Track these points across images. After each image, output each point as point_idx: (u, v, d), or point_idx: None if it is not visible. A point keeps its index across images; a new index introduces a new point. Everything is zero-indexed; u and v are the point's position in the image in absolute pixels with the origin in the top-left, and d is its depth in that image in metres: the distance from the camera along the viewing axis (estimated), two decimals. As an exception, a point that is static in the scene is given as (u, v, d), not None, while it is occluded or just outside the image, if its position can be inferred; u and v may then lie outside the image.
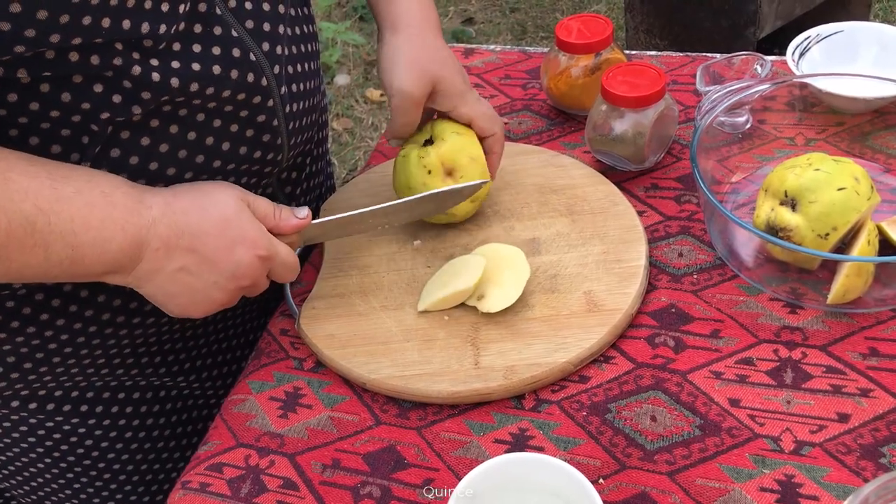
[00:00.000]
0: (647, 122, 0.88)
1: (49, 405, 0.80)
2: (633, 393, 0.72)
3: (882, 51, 0.96)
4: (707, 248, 0.83)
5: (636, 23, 2.24)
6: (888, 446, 0.65)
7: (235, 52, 0.71)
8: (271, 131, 0.77)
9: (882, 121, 0.89)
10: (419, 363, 0.75)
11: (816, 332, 0.74)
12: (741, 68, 0.94)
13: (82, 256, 0.63)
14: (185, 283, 0.68)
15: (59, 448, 0.83)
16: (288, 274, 0.75)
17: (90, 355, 0.79)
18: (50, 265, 0.62)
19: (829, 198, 0.73)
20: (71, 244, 0.62)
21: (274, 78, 0.75)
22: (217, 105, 0.71)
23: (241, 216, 0.69)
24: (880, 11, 2.79)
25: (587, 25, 0.97)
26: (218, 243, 0.68)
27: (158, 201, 0.67)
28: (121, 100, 0.66)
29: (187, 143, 0.71)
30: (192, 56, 0.68)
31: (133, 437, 0.86)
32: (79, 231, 0.62)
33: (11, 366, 0.76)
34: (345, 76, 2.90)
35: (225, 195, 0.70)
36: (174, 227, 0.66)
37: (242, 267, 0.70)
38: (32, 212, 0.59)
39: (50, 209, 0.60)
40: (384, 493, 0.68)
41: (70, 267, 0.63)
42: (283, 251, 0.73)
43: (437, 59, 0.81)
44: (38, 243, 0.60)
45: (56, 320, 0.75)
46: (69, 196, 0.62)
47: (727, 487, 0.65)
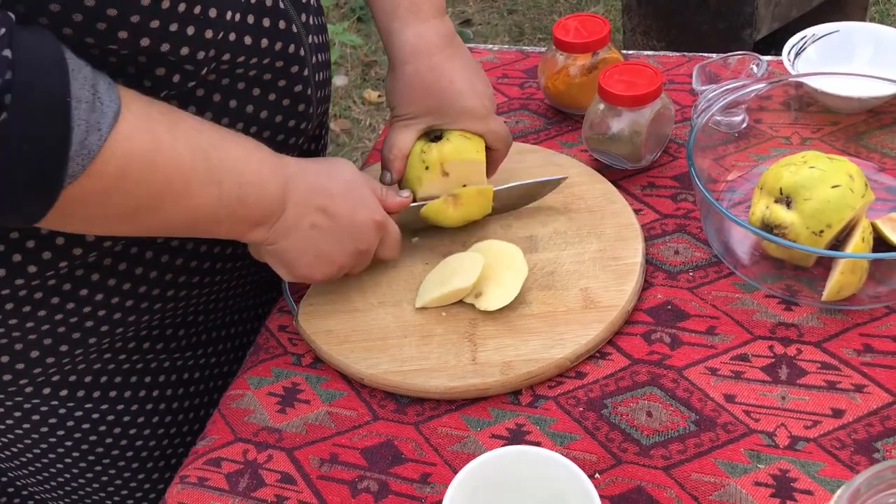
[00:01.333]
0: (643, 120, 0.88)
1: (62, 391, 0.81)
2: (629, 389, 0.73)
3: (877, 51, 0.97)
4: (703, 245, 0.83)
5: (633, 24, 2.25)
6: (882, 441, 0.66)
7: (282, 25, 0.73)
8: (304, 100, 0.79)
9: (877, 120, 0.90)
10: (417, 359, 0.75)
11: (811, 328, 0.75)
12: (737, 68, 0.94)
13: (247, 196, 0.67)
14: (314, 241, 0.73)
15: (73, 436, 0.84)
16: (395, 248, 0.80)
17: (98, 340, 0.79)
18: (220, 204, 0.66)
19: (823, 195, 0.74)
20: (238, 181, 0.66)
21: (309, 48, 0.77)
22: (257, 73, 0.73)
23: (361, 183, 0.75)
24: (877, 14, 2.80)
25: (584, 25, 0.98)
26: (344, 203, 0.73)
27: (293, 161, 0.72)
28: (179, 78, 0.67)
29: (229, 112, 0.73)
30: (246, 28, 0.70)
31: (147, 421, 0.87)
32: (244, 169, 0.67)
33: (22, 352, 0.77)
34: (343, 77, 2.91)
35: (345, 165, 0.76)
36: (308, 184, 0.72)
37: (362, 228, 0.75)
38: (207, 147, 0.64)
39: (220, 146, 0.65)
40: (381, 487, 0.69)
41: (237, 208, 0.67)
42: (392, 223, 0.79)
43: (437, 89, 0.81)
44: (213, 179, 0.64)
45: (66, 304, 0.75)
46: (231, 138, 0.67)
47: (722, 482, 0.65)
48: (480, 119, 0.82)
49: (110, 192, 0.60)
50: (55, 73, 0.55)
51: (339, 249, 0.75)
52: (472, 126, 0.82)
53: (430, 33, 0.81)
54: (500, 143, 0.84)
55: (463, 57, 0.83)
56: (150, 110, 0.61)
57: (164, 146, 0.61)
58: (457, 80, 0.81)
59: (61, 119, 0.54)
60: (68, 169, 0.55)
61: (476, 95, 0.82)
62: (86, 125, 0.56)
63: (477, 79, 0.83)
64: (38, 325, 0.75)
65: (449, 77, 0.80)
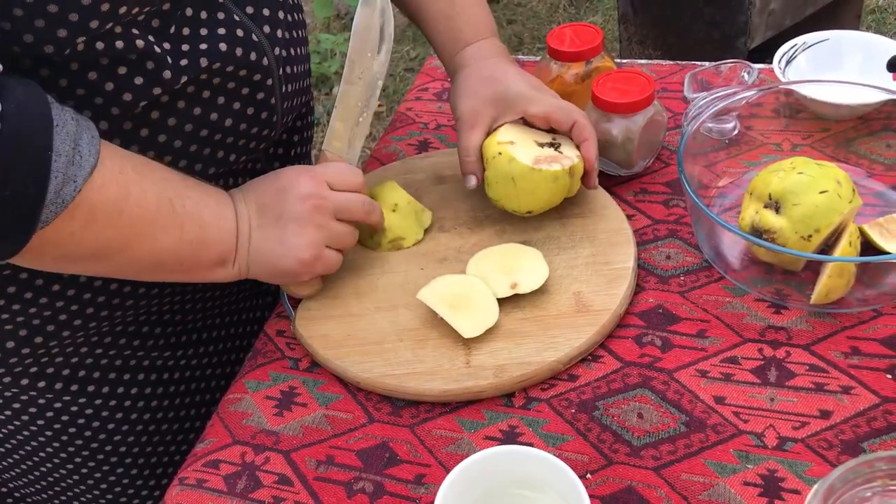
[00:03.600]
0: (636, 127, 0.89)
1: (57, 384, 0.82)
2: (620, 391, 0.74)
3: (866, 59, 0.98)
4: (694, 250, 0.85)
5: (629, 34, 2.27)
6: (868, 442, 0.67)
7: (239, 33, 0.76)
8: (269, 109, 0.82)
9: (866, 127, 0.91)
10: (412, 362, 0.77)
11: (800, 331, 0.76)
12: (729, 76, 0.96)
13: (207, 236, 0.73)
14: (271, 235, 0.77)
15: (67, 431, 0.85)
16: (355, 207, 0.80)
17: (98, 328, 0.81)
18: (182, 245, 0.72)
19: (811, 200, 0.75)
20: (199, 223, 0.72)
21: (274, 59, 0.80)
22: (221, 82, 0.76)
23: (293, 175, 0.78)
24: (873, 23, 2.82)
25: (578, 34, 0.99)
26: (274, 194, 0.77)
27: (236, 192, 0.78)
28: (142, 82, 0.71)
29: (193, 118, 0.76)
30: (199, 38, 0.73)
31: (138, 419, 0.88)
32: (204, 213, 0.73)
33: (24, 339, 0.79)
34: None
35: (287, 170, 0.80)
36: (246, 202, 0.77)
37: (299, 211, 0.76)
38: (173, 195, 0.70)
39: (184, 194, 0.72)
40: (377, 488, 0.70)
41: (198, 248, 0.73)
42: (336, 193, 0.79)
43: (492, 80, 0.87)
44: (177, 223, 0.70)
45: (39, 298, 0.77)
46: (192, 185, 0.73)
47: (711, 482, 0.66)
48: (537, 101, 0.85)
49: (77, 234, 0.65)
50: (40, 127, 0.60)
51: (294, 235, 0.77)
52: (530, 109, 0.85)
53: (489, 45, 0.91)
54: (563, 115, 0.84)
55: (516, 64, 0.91)
56: (123, 163, 0.67)
57: (132, 195, 0.67)
58: (510, 71, 0.87)
59: (40, 171, 0.60)
60: (41, 215, 0.61)
61: (528, 83, 0.87)
62: (62, 177, 0.61)
63: (530, 77, 0.89)
64: (13, 317, 0.77)
65: (503, 69, 0.88)
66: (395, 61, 3.04)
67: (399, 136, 1.08)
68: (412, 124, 1.09)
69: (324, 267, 0.80)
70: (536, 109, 0.85)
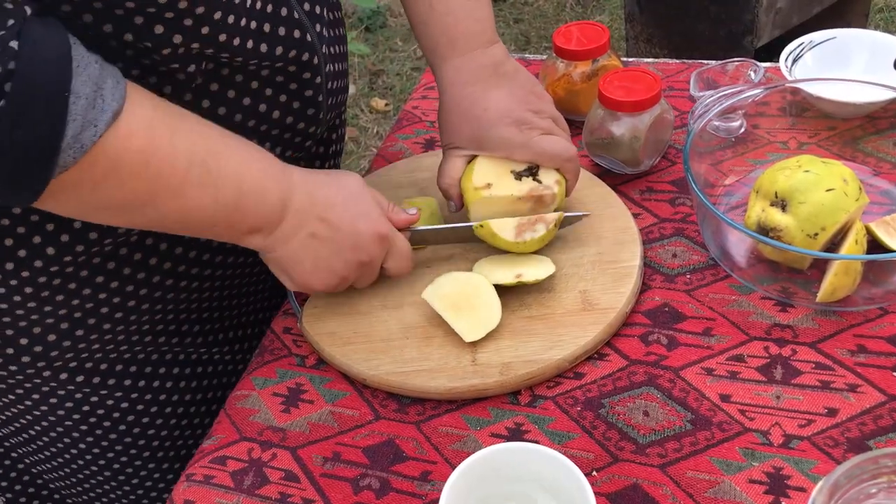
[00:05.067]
0: (642, 126, 0.90)
1: (95, 378, 0.83)
2: (626, 389, 0.74)
3: (873, 57, 0.98)
4: (700, 249, 0.85)
5: (636, 33, 2.27)
6: (874, 440, 0.67)
7: (296, 34, 0.75)
8: (315, 105, 0.81)
9: (873, 125, 0.91)
10: (418, 360, 0.77)
11: (806, 329, 0.76)
12: (735, 74, 0.96)
13: (245, 203, 0.69)
14: (313, 249, 0.74)
15: (102, 425, 0.86)
16: (403, 262, 0.80)
17: (112, 327, 0.81)
18: (217, 207, 0.68)
19: (818, 198, 0.75)
20: (237, 188, 0.68)
21: (322, 57, 0.80)
22: (269, 75, 0.76)
23: (365, 196, 0.76)
24: (881, 21, 2.81)
25: (585, 33, 1.00)
26: (344, 214, 0.74)
27: (297, 170, 0.74)
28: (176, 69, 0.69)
29: (242, 108, 0.76)
30: (262, 36, 0.72)
31: (172, 412, 0.89)
32: (244, 176, 0.68)
33: (65, 333, 0.79)
34: (350, 86, 2.93)
35: (350, 177, 0.77)
36: (310, 194, 0.73)
37: (363, 240, 0.75)
38: (207, 153, 0.66)
39: (221, 153, 0.67)
40: (383, 484, 0.70)
41: (232, 213, 0.69)
42: (400, 237, 0.78)
43: (471, 117, 0.81)
44: (210, 182, 0.66)
45: (83, 290, 0.77)
46: (235, 145, 0.69)
47: (717, 479, 0.66)
48: (520, 145, 0.81)
49: (100, 184, 0.62)
50: (58, 67, 0.57)
51: (339, 260, 0.75)
52: (513, 153, 0.81)
53: (468, 65, 0.82)
54: (550, 162, 0.82)
55: (508, 84, 0.82)
56: (154, 112, 0.63)
57: (161, 147, 0.63)
58: (491, 108, 0.81)
59: (58, 112, 0.57)
60: (59, 160, 0.58)
61: (512, 122, 0.80)
62: (82, 120, 0.58)
63: (518, 105, 0.81)
64: (56, 310, 0.77)
65: (483, 105, 0.81)
66: (401, 60, 3.05)
67: (405, 135, 1.08)
68: (418, 122, 1.09)
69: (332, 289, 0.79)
70: (521, 157, 0.81)
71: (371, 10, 3.19)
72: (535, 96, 0.83)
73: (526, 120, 0.81)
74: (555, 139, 0.82)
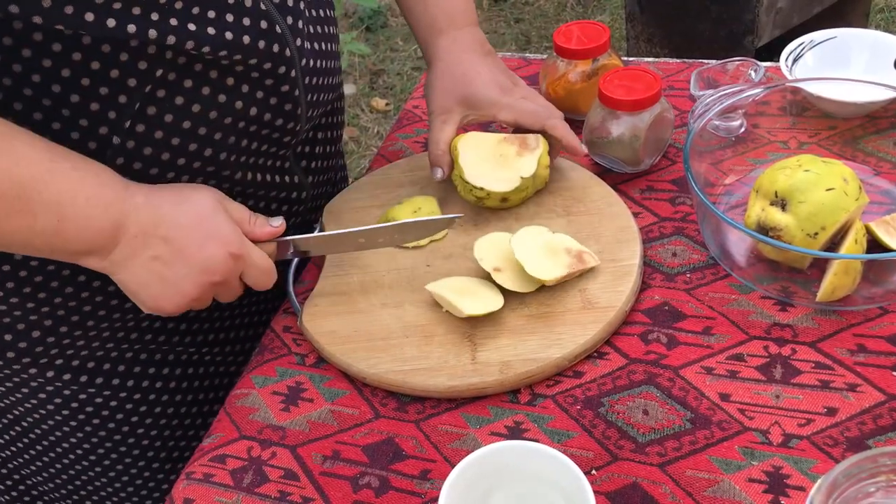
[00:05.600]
0: (642, 125, 0.90)
1: (82, 376, 0.83)
2: (626, 387, 0.74)
3: (874, 57, 0.98)
4: (700, 248, 0.85)
5: (637, 32, 2.27)
6: (874, 439, 0.67)
7: (263, 24, 0.75)
8: (292, 101, 0.81)
9: (873, 125, 0.91)
10: (418, 358, 0.77)
11: (806, 329, 0.76)
12: (735, 73, 0.96)
13: (65, 230, 0.66)
14: (158, 272, 0.71)
15: (91, 422, 0.86)
16: (262, 277, 0.77)
17: (97, 324, 0.82)
18: (34, 234, 0.65)
19: (818, 198, 0.75)
20: (57, 215, 0.65)
21: (296, 50, 0.79)
22: (244, 70, 0.76)
23: (216, 215, 0.73)
24: (882, 21, 2.81)
25: (585, 32, 1.00)
26: (191, 236, 0.71)
27: (141, 191, 0.70)
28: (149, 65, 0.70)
29: (218, 105, 0.76)
30: (225, 25, 0.72)
31: (162, 413, 0.89)
32: (65, 204, 0.65)
33: (24, 332, 0.79)
34: (351, 86, 2.93)
35: (202, 195, 0.74)
36: (152, 216, 0.70)
37: (213, 262, 0.72)
38: (26, 178, 0.63)
39: (42, 179, 0.64)
40: (382, 483, 0.70)
41: (52, 238, 0.66)
42: (256, 254, 0.76)
43: (464, 80, 0.89)
44: (26, 209, 0.64)
45: (65, 287, 0.78)
46: (63, 170, 0.66)
47: (716, 478, 0.66)
48: (506, 107, 0.89)
49: None
50: None
51: (189, 282, 0.72)
52: (499, 115, 0.89)
53: (464, 37, 0.92)
54: (533, 119, 0.88)
55: (492, 58, 0.92)
56: None
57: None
58: (483, 72, 0.90)
59: None
60: None
61: (499, 87, 0.90)
62: None
63: (503, 75, 0.91)
64: (39, 307, 0.78)
65: (476, 69, 0.90)
66: (401, 59, 3.05)
67: (406, 134, 1.08)
68: (419, 122, 1.09)
69: (184, 309, 0.76)
70: (505, 116, 0.89)
71: (372, 9, 3.19)
72: (511, 75, 0.93)
73: (508, 87, 0.91)
74: (534, 103, 0.90)
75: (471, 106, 0.89)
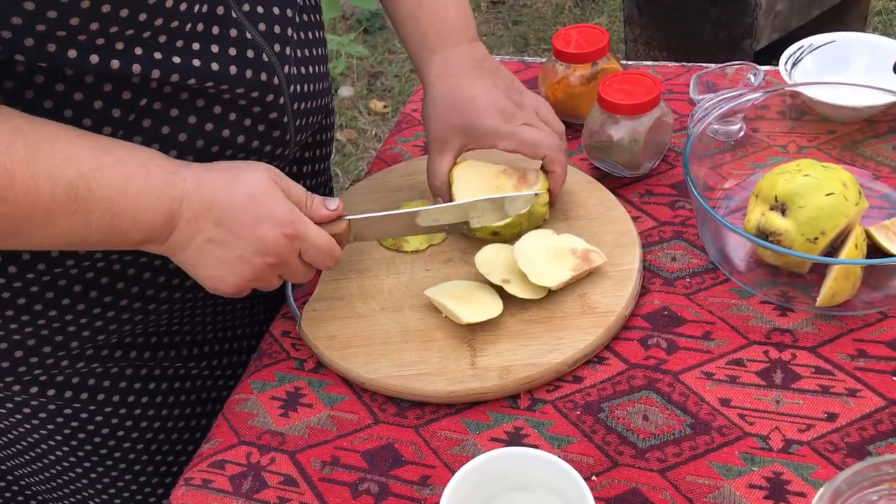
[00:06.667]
0: (642, 129, 0.89)
1: (67, 392, 0.83)
2: (625, 393, 0.74)
3: (872, 61, 0.98)
4: (700, 252, 0.84)
5: (635, 35, 2.27)
6: (874, 444, 0.67)
7: (250, 54, 0.74)
8: (280, 127, 0.80)
9: (872, 129, 0.91)
10: (417, 363, 0.77)
11: (806, 334, 0.76)
12: (735, 77, 0.96)
13: (120, 223, 0.66)
14: (213, 254, 0.71)
15: (77, 436, 0.85)
16: (321, 256, 0.76)
17: (106, 340, 0.81)
18: (90, 231, 0.65)
19: (817, 203, 0.75)
20: (110, 211, 0.65)
21: (284, 77, 0.78)
22: (231, 98, 0.74)
23: (269, 195, 0.72)
24: (879, 24, 2.81)
25: (584, 35, 1.00)
26: (243, 218, 0.70)
27: (191, 174, 0.70)
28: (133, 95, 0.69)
29: (204, 134, 0.74)
30: (211, 56, 0.71)
31: (148, 427, 0.88)
32: (117, 198, 0.65)
33: (31, 349, 0.78)
34: (349, 88, 2.93)
35: (256, 174, 0.72)
36: (204, 200, 0.69)
37: (267, 243, 0.71)
38: (75, 178, 0.63)
39: (91, 176, 0.64)
40: (382, 489, 0.70)
41: (109, 233, 0.66)
42: (314, 233, 0.74)
43: (460, 108, 0.84)
44: (80, 209, 0.64)
45: (77, 305, 0.77)
46: (109, 165, 0.65)
47: (717, 484, 0.66)
48: (505, 135, 0.84)
49: None
50: None
51: (244, 263, 0.72)
52: (499, 145, 0.84)
53: (456, 58, 0.85)
54: (533, 150, 0.84)
55: (491, 77, 0.85)
56: (12, 138, 0.60)
57: (17, 179, 0.60)
58: (477, 97, 0.83)
59: None
60: None
61: (499, 112, 0.84)
62: None
63: (503, 96, 0.84)
64: (21, 328, 0.77)
65: (470, 95, 0.83)
66: (399, 62, 3.04)
67: (404, 138, 1.08)
68: (418, 125, 1.09)
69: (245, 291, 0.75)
70: (506, 146, 0.84)
71: (370, 11, 3.19)
72: (516, 91, 0.87)
73: (510, 111, 0.84)
74: (537, 130, 0.84)
75: (469, 136, 0.84)
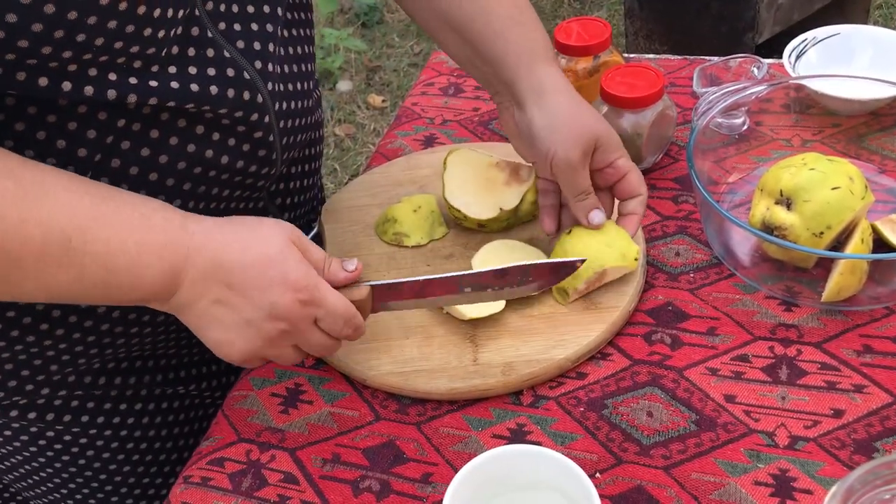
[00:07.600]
0: (645, 122, 0.89)
1: (49, 415, 0.81)
2: (629, 389, 0.73)
3: (877, 53, 0.97)
4: (704, 247, 0.84)
5: (636, 28, 2.26)
6: (881, 441, 0.66)
7: (230, 73, 0.70)
8: (266, 146, 0.76)
9: (877, 122, 0.90)
10: (418, 360, 0.76)
11: (811, 329, 0.75)
12: (738, 70, 0.95)
13: (118, 282, 0.61)
14: (221, 316, 0.65)
15: (61, 458, 0.84)
16: (339, 324, 0.68)
17: (88, 365, 0.80)
18: (84, 286, 0.61)
19: (823, 197, 0.74)
20: (105, 267, 0.60)
21: (269, 95, 0.74)
22: (214, 118, 0.71)
23: (285, 256, 0.65)
24: (880, 17, 2.80)
25: (586, 28, 0.99)
26: (255, 281, 0.64)
27: (201, 229, 0.64)
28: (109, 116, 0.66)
29: (186, 155, 0.71)
30: (189, 78, 0.68)
31: (135, 448, 0.87)
32: (114, 253, 0.60)
33: (9, 374, 0.77)
34: (347, 82, 2.92)
35: (272, 233, 0.66)
36: (213, 259, 0.64)
37: (279, 308, 0.65)
38: (69, 229, 0.58)
39: (87, 228, 0.59)
40: (383, 486, 0.69)
41: (105, 290, 0.62)
42: (332, 299, 0.67)
43: (593, 115, 0.77)
44: (72, 262, 0.59)
45: (56, 330, 0.75)
46: (107, 216, 0.60)
47: (722, 481, 0.65)
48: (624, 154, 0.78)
49: None
50: None
51: (252, 327, 0.65)
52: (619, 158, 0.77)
53: (558, 74, 0.78)
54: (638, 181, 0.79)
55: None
56: (4, 182, 0.57)
57: (8, 226, 0.56)
58: (593, 111, 0.77)
59: None
60: None
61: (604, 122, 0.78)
62: None
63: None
64: (28, 348, 0.75)
65: (587, 107, 0.77)
66: (398, 56, 3.03)
67: (404, 132, 1.07)
68: (418, 119, 1.08)
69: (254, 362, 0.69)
70: (622, 163, 0.77)
71: (368, 5, 3.17)
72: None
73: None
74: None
75: (599, 144, 0.76)
